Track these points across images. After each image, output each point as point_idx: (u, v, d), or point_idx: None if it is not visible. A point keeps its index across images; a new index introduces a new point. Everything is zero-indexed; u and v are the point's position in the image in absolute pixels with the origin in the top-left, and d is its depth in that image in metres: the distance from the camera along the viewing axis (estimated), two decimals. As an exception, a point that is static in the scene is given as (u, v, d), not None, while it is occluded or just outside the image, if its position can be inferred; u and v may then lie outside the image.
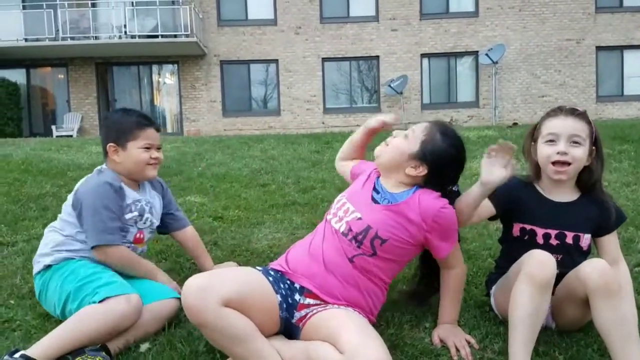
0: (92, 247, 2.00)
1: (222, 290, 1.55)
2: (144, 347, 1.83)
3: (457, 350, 1.76)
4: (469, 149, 1.92)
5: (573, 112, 1.82)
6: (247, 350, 1.58)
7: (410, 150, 1.81)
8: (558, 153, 1.79)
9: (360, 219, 1.78)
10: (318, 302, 1.73)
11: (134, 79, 15.87)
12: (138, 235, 2.18)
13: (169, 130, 15.84)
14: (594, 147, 1.83)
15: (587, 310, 1.64)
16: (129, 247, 2.15)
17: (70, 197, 2.11)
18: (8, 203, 3.66)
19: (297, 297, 1.75)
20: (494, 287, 2.00)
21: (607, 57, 15.50)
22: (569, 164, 1.79)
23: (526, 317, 1.62)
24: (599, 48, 15.43)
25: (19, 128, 14.47)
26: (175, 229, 2.41)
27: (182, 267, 2.64)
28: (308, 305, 1.74)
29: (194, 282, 1.55)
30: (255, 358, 1.58)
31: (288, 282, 1.78)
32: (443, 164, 1.80)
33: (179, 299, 2.07)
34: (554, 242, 1.85)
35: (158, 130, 2.22)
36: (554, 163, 1.80)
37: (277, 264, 1.86)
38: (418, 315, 2.05)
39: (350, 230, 1.77)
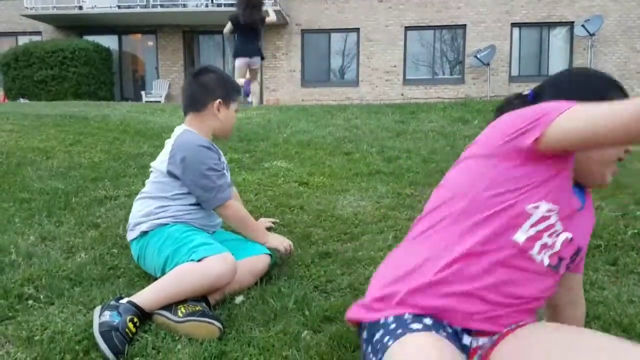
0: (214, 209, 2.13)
1: None
2: (239, 299, 1.91)
3: None
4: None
5: None
6: None
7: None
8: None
9: (571, 240, 1.25)
10: (490, 336, 1.23)
11: (218, 48, 16.17)
12: None
13: (249, 99, 16.13)
14: None
15: None
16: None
17: (163, 160, 2.11)
18: (109, 160, 3.88)
19: (465, 339, 1.21)
20: None
21: None
22: None
23: None
24: None
25: (111, 92, 15.21)
26: None
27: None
28: (480, 347, 1.23)
29: None
30: None
31: (444, 323, 1.20)
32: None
33: (270, 255, 2.13)
34: None
35: None
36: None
37: (410, 305, 1.19)
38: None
39: (560, 260, 1.25)
